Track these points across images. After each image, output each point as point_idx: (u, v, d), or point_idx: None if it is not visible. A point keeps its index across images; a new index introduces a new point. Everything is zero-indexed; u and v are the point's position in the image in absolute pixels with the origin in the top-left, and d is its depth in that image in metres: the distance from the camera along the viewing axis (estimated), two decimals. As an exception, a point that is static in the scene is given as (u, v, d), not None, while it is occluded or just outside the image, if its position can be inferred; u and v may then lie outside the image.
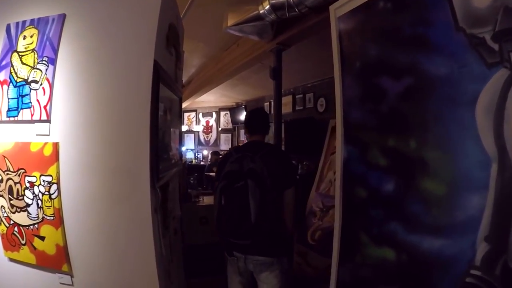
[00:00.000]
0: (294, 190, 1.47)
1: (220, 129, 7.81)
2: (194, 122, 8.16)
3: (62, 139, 1.16)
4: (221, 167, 1.50)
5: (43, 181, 1.17)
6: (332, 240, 1.21)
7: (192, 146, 8.18)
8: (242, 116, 6.78)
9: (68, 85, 1.17)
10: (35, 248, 1.21)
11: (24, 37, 1.26)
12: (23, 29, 1.26)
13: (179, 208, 1.75)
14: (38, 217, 1.19)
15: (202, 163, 7.66)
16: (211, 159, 6.61)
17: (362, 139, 1.11)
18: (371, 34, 1.07)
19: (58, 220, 1.17)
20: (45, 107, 1.19)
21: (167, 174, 1.35)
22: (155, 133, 1.12)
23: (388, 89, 0.98)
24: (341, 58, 1.20)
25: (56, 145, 1.16)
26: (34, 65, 1.22)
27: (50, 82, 1.18)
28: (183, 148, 8.06)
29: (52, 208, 1.17)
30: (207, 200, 2.46)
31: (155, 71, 1.09)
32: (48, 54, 1.20)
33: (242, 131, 7.09)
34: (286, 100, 5.11)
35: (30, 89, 1.21)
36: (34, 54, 1.23)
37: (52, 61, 1.19)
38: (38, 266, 1.23)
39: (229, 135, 7.58)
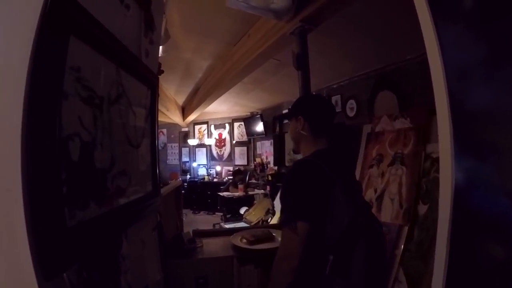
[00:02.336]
0: None
1: (234, 142, 7.18)
2: (206, 135, 7.59)
3: None
4: (314, 187, 0.96)
5: None
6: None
7: (205, 162, 7.59)
8: (258, 127, 6.13)
9: None
10: None
11: None
12: None
13: (159, 269, 1.08)
14: None
15: (215, 180, 7.03)
16: (233, 178, 5.91)
17: (498, 145, 0.55)
18: None
19: None
20: None
21: (106, 229, 0.69)
22: (51, 144, 0.47)
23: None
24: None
25: None
26: None
27: None
28: (194, 164, 7.50)
29: None
30: (210, 246, 1.61)
31: (54, 12, 0.46)
32: None
33: (259, 143, 6.43)
34: (308, 106, 4.44)
35: None
36: None
37: None
38: None
39: (245, 148, 6.93)
